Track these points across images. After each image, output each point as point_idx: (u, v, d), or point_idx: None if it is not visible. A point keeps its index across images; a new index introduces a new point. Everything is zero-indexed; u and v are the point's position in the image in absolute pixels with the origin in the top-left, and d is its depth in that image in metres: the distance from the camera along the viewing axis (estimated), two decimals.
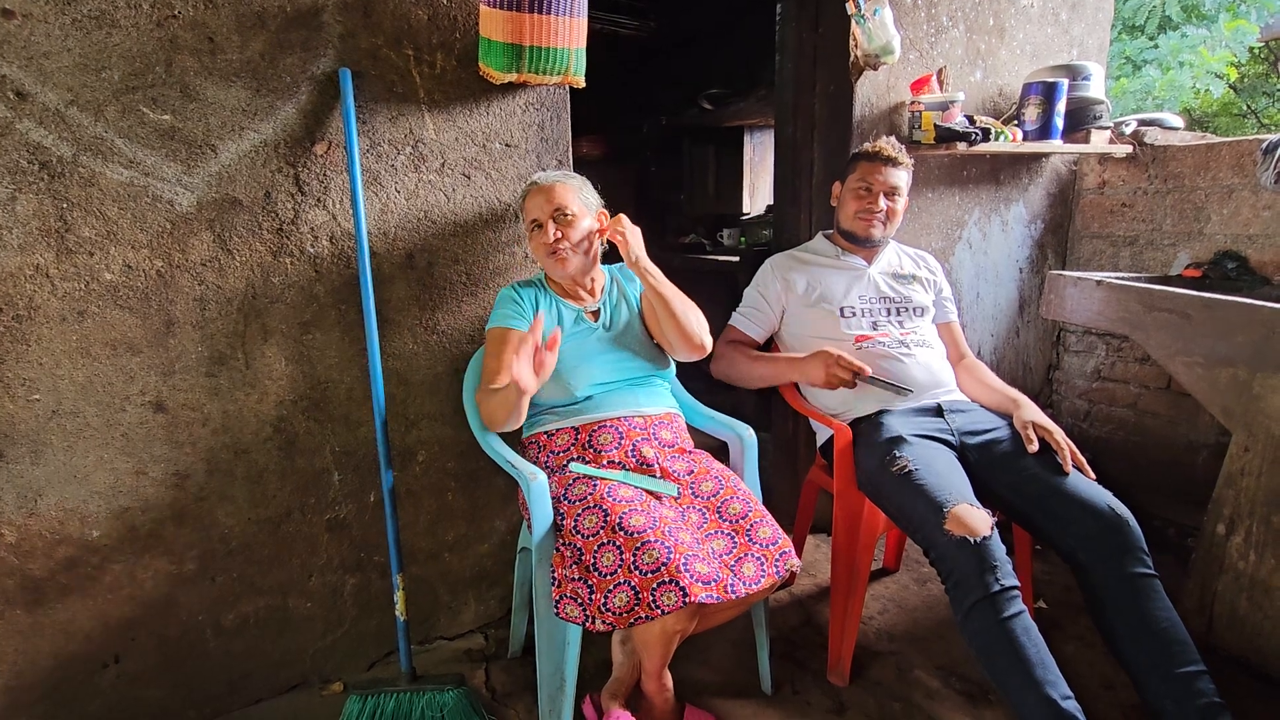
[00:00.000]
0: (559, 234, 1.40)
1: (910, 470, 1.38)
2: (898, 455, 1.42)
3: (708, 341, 1.48)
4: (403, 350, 1.53)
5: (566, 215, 1.41)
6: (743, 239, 3.44)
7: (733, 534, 1.28)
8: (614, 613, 1.14)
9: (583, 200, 1.45)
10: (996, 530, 1.26)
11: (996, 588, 1.20)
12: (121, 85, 1.21)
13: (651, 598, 1.13)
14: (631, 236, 1.43)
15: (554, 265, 1.43)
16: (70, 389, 1.26)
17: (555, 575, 1.21)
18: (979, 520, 1.25)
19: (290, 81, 1.33)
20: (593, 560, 1.19)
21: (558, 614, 1.18)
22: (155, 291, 1.29)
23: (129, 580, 1.36)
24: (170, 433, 1.35)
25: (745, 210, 3.82)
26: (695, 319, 1.46)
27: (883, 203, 1.65)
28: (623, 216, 1.45)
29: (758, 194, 3.84)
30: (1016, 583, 1.23)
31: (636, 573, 1.15)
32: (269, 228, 1.37)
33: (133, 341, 1.29)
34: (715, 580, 1.17)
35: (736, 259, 3.05)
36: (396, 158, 1.45)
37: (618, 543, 1.19)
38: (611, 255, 1.58)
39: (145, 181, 1.26)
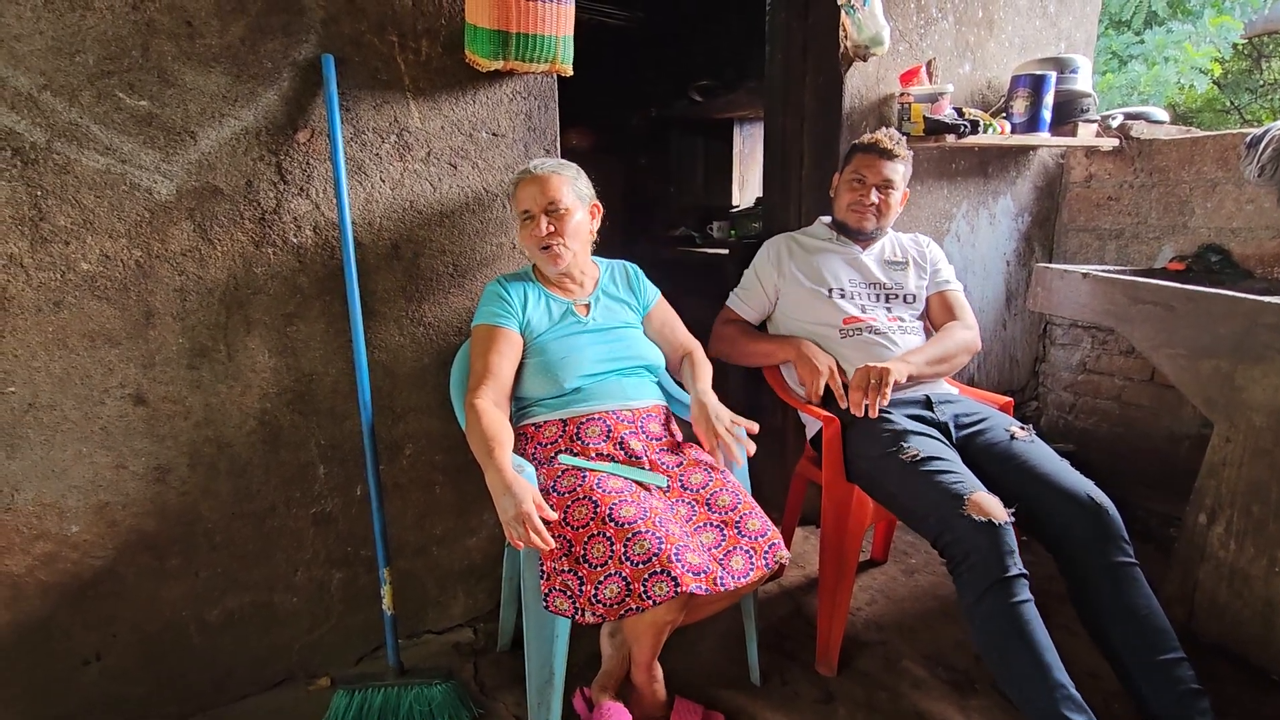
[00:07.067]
0: (551, 228, 1.38)
1: (920, 458, 1.38)
2: (906, 445, 1.42)
3: None
4: (389, 342, 1.51)
5: (559, 210, 1.38)
6: (733, 231, 3.43)
7: (721, 525, 1.28)
8: (604, 604, 1.14)
9: (576, 192, 1.42)
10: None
11: (1014, 571, 1.22)
12: (97, 70, 1.18)
13: (643, 588, 1.12)
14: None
15: (545, 261, 1.42)
16: (47, 381, 1.23)
17: (544, 568, 1.20)
18: (997, 506, 1.26)
19: (272, 67, 1.31)
20: (583, 552, 1.18)
21: (547, 607, 1.18)
22: (134, 282, 1.27)
23: (110, 576, 1.34)
24: (151, 426, 1.32)
25: (734, 203, 3.81)
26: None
27: (875, 196, 1.65)
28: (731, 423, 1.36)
29: (747, 186, 3.84)
30: (1027, 573, 1.24)
31: (628, 563, 1.15)
32: (251, 217, 1.34)
33: (111, 333, 1.27)
34: (705, 572, 1.17)
35: (726, 252, 3.04)
36: (381, 146, 1.43)
37: (608, 534, 1.18)
38: (604, 249, 1.57)
39: (123, 169, 1.23)
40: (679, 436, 1.48)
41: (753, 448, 1.35)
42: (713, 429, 1.35)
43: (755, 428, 1.39)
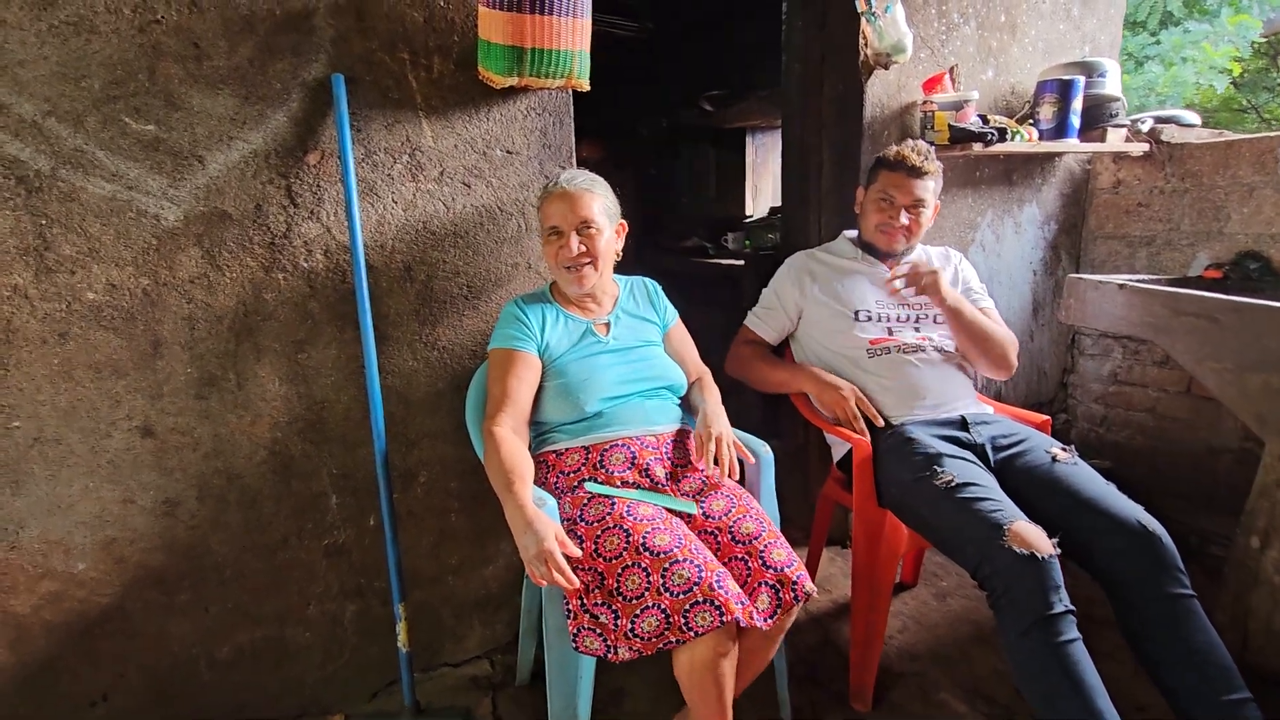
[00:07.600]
0: (583, 248, 1.33)
1: (956, 484, 1.32)
2: (940, 470, 1.35)
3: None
4: (402, 367, 1.47)
5: (591, 229, 1.33)
6: (747, 242, 3.38)
7: (745, 558, 1.21)
8: (642, 638, 1.07)
9: (606, 211, 1.37)
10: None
11: (1060, 608, 1.14)
12: (102, 95, 1.15)
13: (684, 620, 1.06)
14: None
15: (570, 281, 1.37)
16: (52, 415, 1.20)
17: (570, 607, 1.14)
18: (1041, 538, 1.19)
19: (280, 88, 1.27)
20: (616, 584, 1.12)
21: (576, 648, 1.12)
22: (141, 311, 1.23)
23: (117, 613, 1.29)
24: (159, 458, 1.28)
25: (748, 213, 3.76)
26: None
27: (904, 217, 1.58)
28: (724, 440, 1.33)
29: (760, 196, 3.79)
30: (1075, 609, 1.17)
31: (667, 594, 1.08)
32: (260, 242, 1.30)
33: (118, 364, 1.23)
34: (744, 603, 1.11)
35: (742, 263, 2.98)
36: (393, 167, 1.39)
37: (643, 564, 1.12)
38: (625, 267, 1.52)
39: (129, 195, 1.19)
40: (700, 461, 1.42)
41: (735, 474, 1.33)
42: (711, 437, 1.32)
43: (752, 460, 1.38)
